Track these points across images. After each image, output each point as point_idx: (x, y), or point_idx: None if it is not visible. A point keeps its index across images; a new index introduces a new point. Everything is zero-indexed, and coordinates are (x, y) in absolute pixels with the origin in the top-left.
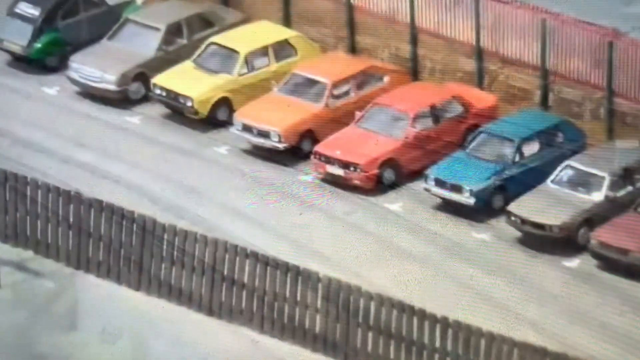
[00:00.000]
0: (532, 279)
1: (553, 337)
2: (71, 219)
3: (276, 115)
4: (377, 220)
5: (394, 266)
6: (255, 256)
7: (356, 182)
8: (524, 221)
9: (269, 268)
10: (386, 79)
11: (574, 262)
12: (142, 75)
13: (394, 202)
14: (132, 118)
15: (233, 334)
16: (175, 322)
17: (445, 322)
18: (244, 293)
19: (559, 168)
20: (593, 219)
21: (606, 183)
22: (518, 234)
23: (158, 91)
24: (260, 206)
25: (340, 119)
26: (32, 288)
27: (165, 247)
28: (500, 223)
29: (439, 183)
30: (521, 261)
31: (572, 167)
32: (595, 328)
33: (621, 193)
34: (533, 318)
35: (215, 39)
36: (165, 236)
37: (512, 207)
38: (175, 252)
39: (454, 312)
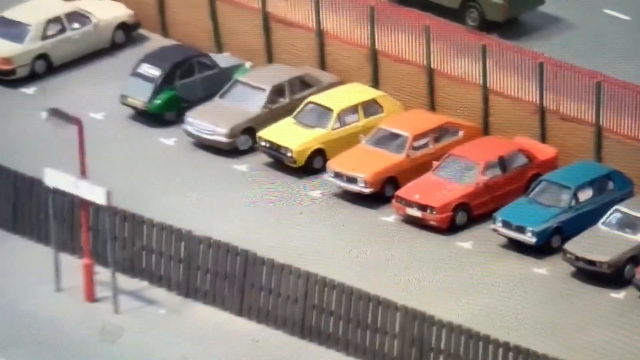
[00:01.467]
0: (584, 308)
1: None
2: (182, 254)
3: (363, 164)
4: (451, 256)
5: (465, 297)
6: (341, 288)
7: (432, 222)
8: (577, 258)
9: (352, 298)
10: (460, 133)
11: (620, 294)
12: (250, 129)
13: (465, 241)
14: (240, 166)
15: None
16: (276, 345)
17: (506, 347)
18: (332, 319)
19: (609, 212)
20: (638, 256)
21: None
22: (572, 269)
23: (263, 143)
24: (348, 243)
25: (419, 168)
26: (146, 314)
27: (264, 278)
28: (557, 259)
29: (506, 224)
30: (575, 292)
31: (620, 211)
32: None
33: None
34: (587, 341)
35: (312, 98)
36: (264, 269)
37: (568, 245)
38: (272, 283)
39: (516, 338)
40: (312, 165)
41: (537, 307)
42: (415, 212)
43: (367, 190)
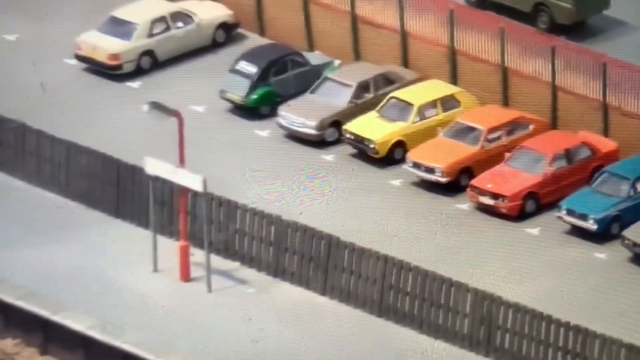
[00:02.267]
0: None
1: None
2: (271, 237)
3: (440, 155)
4: (519, 241)
5: (530, 279)
6: (416, 270)
7: (503, 210)
8: (635, 244)
9: (427, 280)
10: (531, 127)
11: None
12: (336, 122)
13: (533, 227)
14: (328, 156)
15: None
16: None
17: (567, 326)
18: (407, 299)
19: None
20: None
21: None
22: (630, 254)
23: (348, 135)
24: (424, 228)
25: (492, 159)
26: (237, 293)
27: (345, 260)
28: (616, 245)
29: (570, 212)
30: (633, 276)
31: None
32: None
33: None
34: None
35: (395, 93)
36: (346, 252)
37: (626, 232)
38: (353, 265)
39: (576, 318)
40: (393, 156)
41: (596, 290)
42: (487, 200)
43: (443, 180)
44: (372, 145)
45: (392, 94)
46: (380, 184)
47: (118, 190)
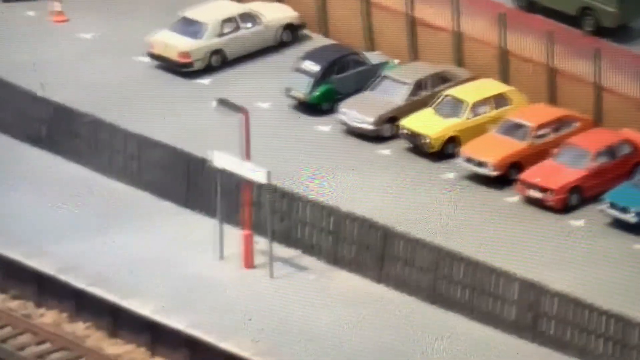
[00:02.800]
0: None
1: None
2: (330, 226)
3: (491, 150)
4: (564, 232)
5: (574, 268)
6: (467, 260)
7: (550, 203)
8: None
9: (477, 269)
10: (576, 124)
11: None
12: (393, 118)
13: (577, 219)
14: (384, 150)
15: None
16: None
17: (609, 314)
18: (458, 288)
19: None
20: None
21: None
22: None
23: (404, 130)
24: (475, 219)
25: (540, 154)
26: (298, 279)
27: (400, 249)
28: None
29: (612, 205)
30: None
31: None
32: None
33: None
34: None
35: (449, 91)
36: (401, 242)
37: None
38: (407, 254)
39: (617, 306)
40: (446, 150)
41: (636, 279)
42: (535, 194)
43: (494, 174)
44: (427, 140)
45: (446, 92)
46: (434, 178)
47: (187, 181)
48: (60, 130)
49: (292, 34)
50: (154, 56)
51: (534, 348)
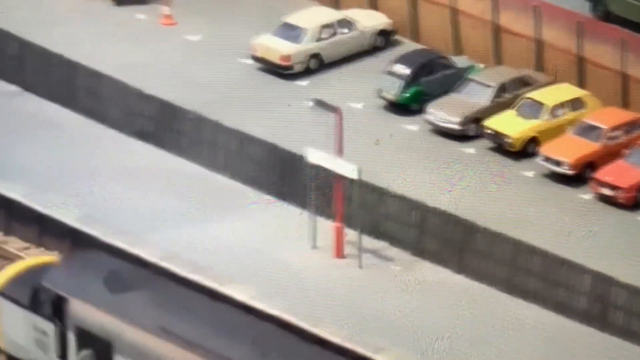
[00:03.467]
0: None
1: None
2: (415, 220)
3: (568, 150)
4: (633, 228)
5: None
6: (542, 253)
7: (621, 200)
8: None
9: (551, 262)
10: None
11: None
12: (477, 119)
13: None
14: (469, 149)
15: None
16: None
17: None
18: (534, 279)
19: None
20: None
21: None
22: None
23: (487, 130)
24: (551, 215)
25: (612, 155)
26: (384, 269)
27: (479, 242)
28: None
29: None
30: None
31: None
32: None
33: None
34: None
35: (529, 94)
36: (480, 235)
37: None
38: (486, 247)
39: None
40: (527, 150)
41: None
42: (607, 191)
43: (570, 172)
44: (509, 140)
45: (527, 95)
46: (515, 175)
47: (282, 175)
48: (165, 126)
49: (384, 39)
50: (256, 59)
51: (604, 337)
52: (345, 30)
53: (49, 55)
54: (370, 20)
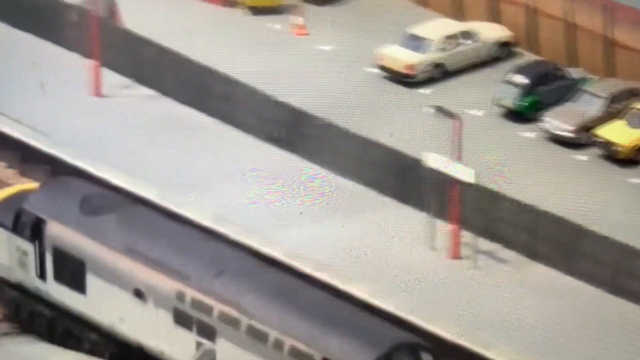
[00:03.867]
0: None
1: None
2: (527, 223)
3: None
4: None
5: None
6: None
7: None
8: None
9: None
10: None
11: None
12: (589, 128)
13: None
14: (581, 156)
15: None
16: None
17: None
18: (637, 281)
19: None
20: None
21: None
22: None
23: (599, 139)
24: None
25: None
26: (497, 270)
27: (586, 245)
28: None
29: None
30: None
31: None
32: None
33: None
34: None
35: (637, 105)
36: (588, 238)
37: None
38: (591, 249)
39: None
40: (636, 158)
41: None
42: None
43: None
44: (618, 148)
45: (635, 105)
46: (623, 182)
47: (402, 179)
48: (295, 131)
49: (504, 50)
50: (382, 68)
51: None
52: (468, 42)
53: (186, 61)
54: (492, 33)
